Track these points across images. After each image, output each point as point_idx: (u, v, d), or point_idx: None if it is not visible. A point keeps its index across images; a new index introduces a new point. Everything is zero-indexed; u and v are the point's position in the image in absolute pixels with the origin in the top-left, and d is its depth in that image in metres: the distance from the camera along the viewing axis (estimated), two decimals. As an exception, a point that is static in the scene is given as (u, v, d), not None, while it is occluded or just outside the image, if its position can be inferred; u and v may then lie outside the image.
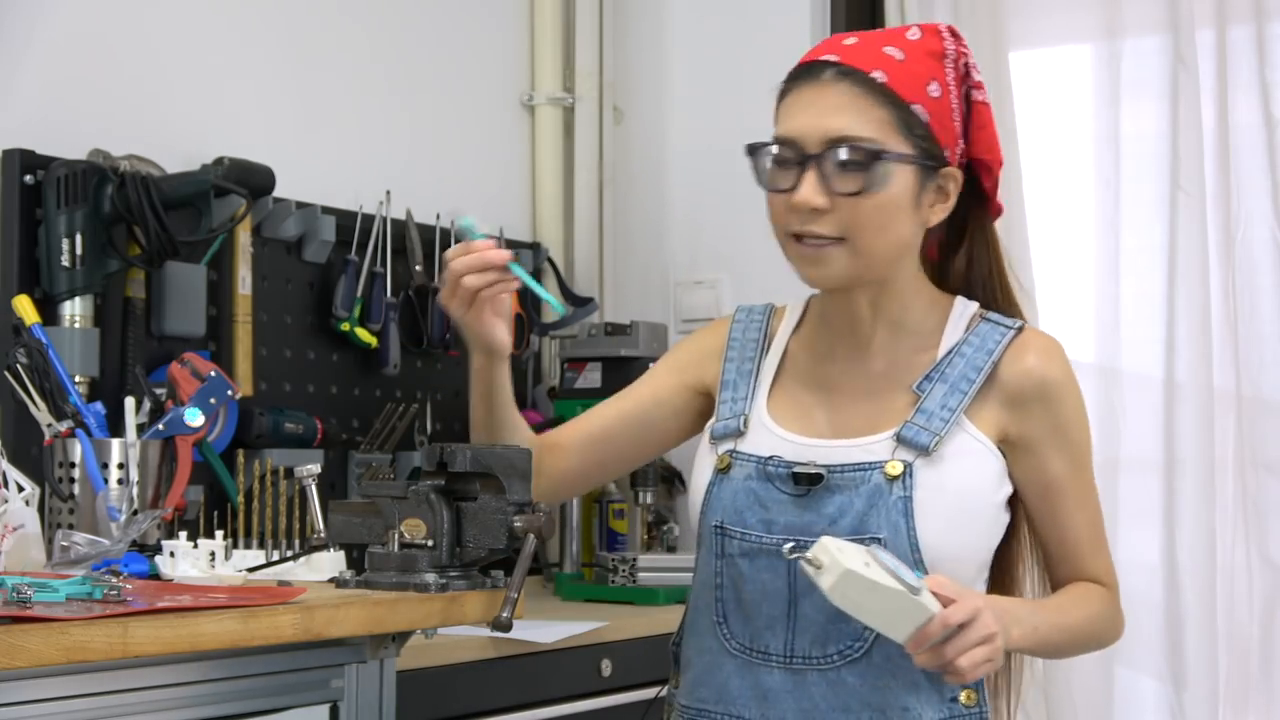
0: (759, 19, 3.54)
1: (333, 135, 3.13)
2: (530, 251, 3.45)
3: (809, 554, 1.59)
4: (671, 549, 3.34)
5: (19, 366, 2.14)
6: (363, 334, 3.04)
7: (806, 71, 1.76)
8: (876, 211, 1.71)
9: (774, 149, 1.76)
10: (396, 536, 1.80)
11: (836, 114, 1.71)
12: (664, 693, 1.93)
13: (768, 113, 3.85)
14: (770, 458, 1.78)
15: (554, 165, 3.59)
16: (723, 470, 1.81)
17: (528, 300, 3.43)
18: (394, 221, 3.13)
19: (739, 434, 1.82)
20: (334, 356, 3.06)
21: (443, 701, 2.36)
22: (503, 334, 1.82)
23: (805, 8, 3.47)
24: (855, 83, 1.72)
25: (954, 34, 1.79)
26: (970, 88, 1.78)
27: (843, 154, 1.70)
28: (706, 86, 3.61)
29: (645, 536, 3.35)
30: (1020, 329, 1.80)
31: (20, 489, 1.97)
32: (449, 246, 3.22)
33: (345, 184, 3.09)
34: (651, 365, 2.01)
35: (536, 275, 3.49)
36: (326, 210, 3.00)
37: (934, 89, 1.74)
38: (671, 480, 3.47)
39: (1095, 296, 3.22)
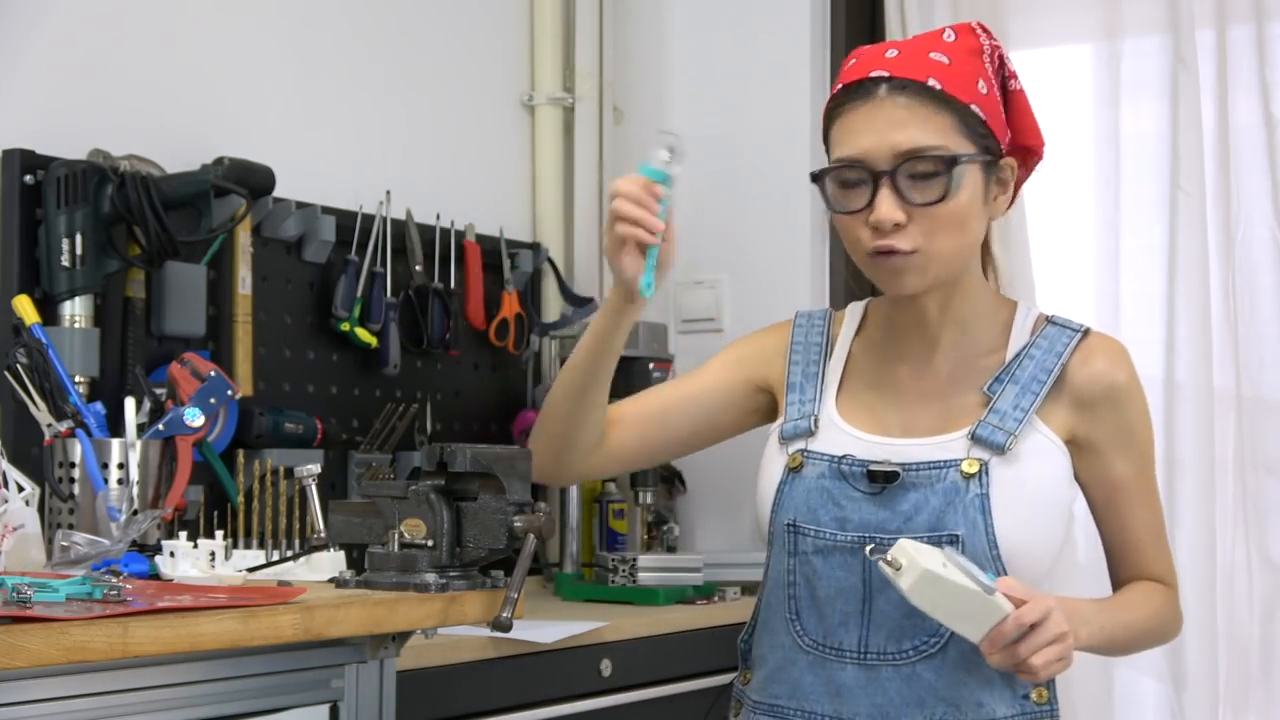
0: (759, 19, 3.54)
1: (333, 135, 3.13)
2: (530, 251, 3.45)
3: (888, 555, 1.64)
4: (671, 549, 3.34)
5: (19, 366, 2.14)
6: (363, 334, 3.04)
7: (858, 90, 1.76)
8: (953, 216, 1.74)
9: (843, 172, 1.76)
10: (396, 536, 1.80)
11: (901, 128, 1.73)
12: (734, 681, 1.95)
13: (767, 113, 3.87)
14: (843, 456, 1.81)
15: (554, 165, 3.58)
16: (794, 469, 1.83)
17: (528, 300, 3.43)
18: (394, 221, 3.13)
19: (810, 434, 1.84)
20: (334, 356, 3.06)
21: (443, 701, 2.36)
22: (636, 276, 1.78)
23: (805, 8, 3.47)
24: (912, 94, 1.74)
25: (984, 30, 1.83)
26: (1006, 77, 1.82)
27: (918, 166, 1.72)
28: (706, 86, 3.61)
29: (645, 536, 3.35)
30: (1086, 332, 1.84)
31: (20, 489, 1.97)
32: (449, 247, 3.25)
33: (345, 184, 3.09)
34: (709, 360, 2.02)
35: (536, 275, 3.50)
36: (326, 210, 3.00)
37: (982, 86, 1.78)
38: (671, 480, 3.47)
39: (1095, 296, 3.22)
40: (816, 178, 1.78)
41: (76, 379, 2.43)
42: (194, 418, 2.15)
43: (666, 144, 1.75)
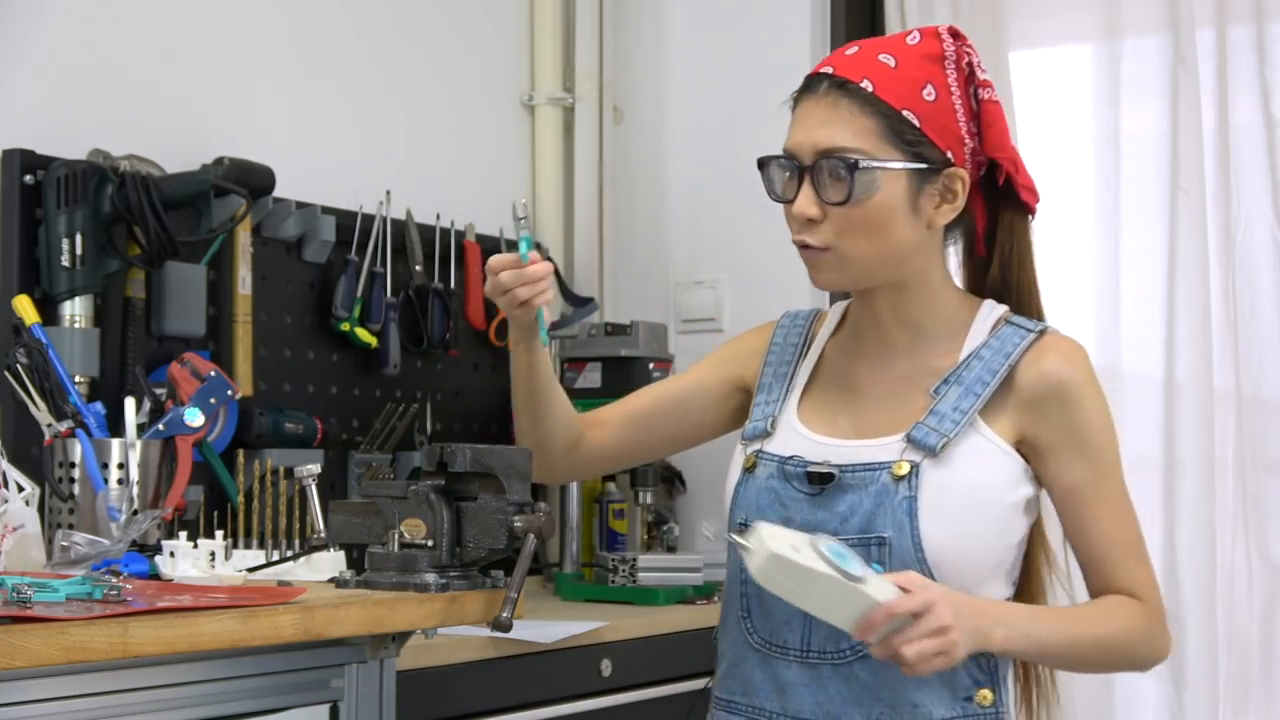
0: (759, 19, 3.54)
1: (333, 135, 3.13)
2: (530, 251, 3.45)
3: (742, 538, 1.64)
4: (671, 549, 3.34)
5: (19, 366, 2.14)
6: (363, 334, 3.04)
7: (807, 84, 1.81)
8: (866, 219, 1.75)
9: (777, 162, 1.81)
10: (396, 536, 1.80)
11: (825, 126, 1.76)
12: (709, 684, 1.96)
13: (767, 113, 3.85)
14: (790, 457, 1.82)
15: (554, 165, 3.58)
16: (749, 470, 1.85)
17: (528, 300, 3.43)
18: (394, 221, 3.13)
19: (766, 435, 1.86)
20: (334, 356, 3.06)
21: (443, 701, 2.36)
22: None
23: (805, 8, 3.47)
24: (844, 94, 1.76)
25: (955, 35, 1.81)
26: (977, 87, 1.80)
27: (833, 165, 1.75)
28: (706, 86, 3.60)
29: (645, 536, 3.35)
30: (1042, 332, 1.81)
31: (20, 489, 1.97)
32: (449, 247, 3.25)
33: (345, 184, 3.09)
34: (696, 361, 2.06)
35: (536, 275, 3.49)
36: (326, 210, 3.00)
37: (929, 92, 1.76)
38: (671, 480, 3.47)
39: (1095, 296, 3.22)
40: (761, 165, 1.83)
41: (76, 379, 2.43)
42: (194, 418, 2.15)
43: (520, 215, 1.88)
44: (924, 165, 1.76)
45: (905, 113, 1.74)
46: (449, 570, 1.79)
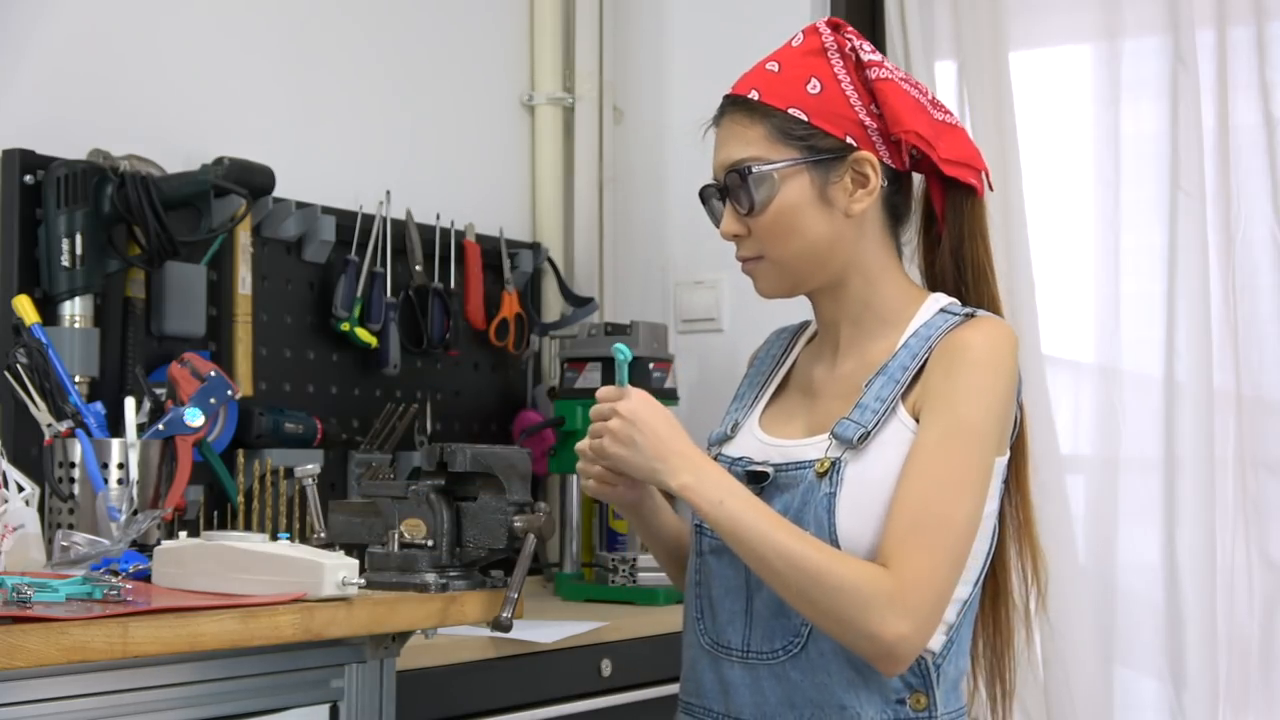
0: (759, 19, 3.54)
1: (333, 135, 3.13)
2: (530, 251, 3.45)
3: None
4: (671, 549, 3.33)
5: (19, 366, 2.14)
6: (363, 334, 3.04)
7: (716, 112, 1.87)
8: (779, 221, 1.79)
9: (710, 190, 1.87)
10: (396, 536, 1.80)
11: (726, 145, 1.83)
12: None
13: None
14: (740, 458, 1.83)
15: (554, 165, 3.58)
16: None
17: (528, 300, 3.43)
18: (394, 221, 3.13)
19: (727, 438, 1.89)
20: (334, 356, 3.06)
21: (443, 701, 2.36)
22: (618, 494, 1.84)
23: (805, 9, 3.47)
24: (736, 109, 1.83)
25: (835, 26, 1.84)
26: (865, 67, 1.81)
27: (735, 179, 1.80)
28: (706, 86, 3.59)
29: (645, 536, 3.34)
30: (970, 315, 1.77)
31: (20, 489, 1.97)
32: (449, 246, 3.25)
33: (345, 184, 3.09)
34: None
35: (536, 275, 3.50)
36: (326, 210, 3.00)
37: (813, 85, 1.79)
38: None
39: (1095, 296, 3.22)
40: (703, 199, 1.88)
41: (76, 379, 2.43)
42: (194, 418, 2.15)
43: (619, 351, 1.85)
44: (821, 156, 1.77)
45: (791, 110, 1.78)
46: (449, 570, 1.80)
